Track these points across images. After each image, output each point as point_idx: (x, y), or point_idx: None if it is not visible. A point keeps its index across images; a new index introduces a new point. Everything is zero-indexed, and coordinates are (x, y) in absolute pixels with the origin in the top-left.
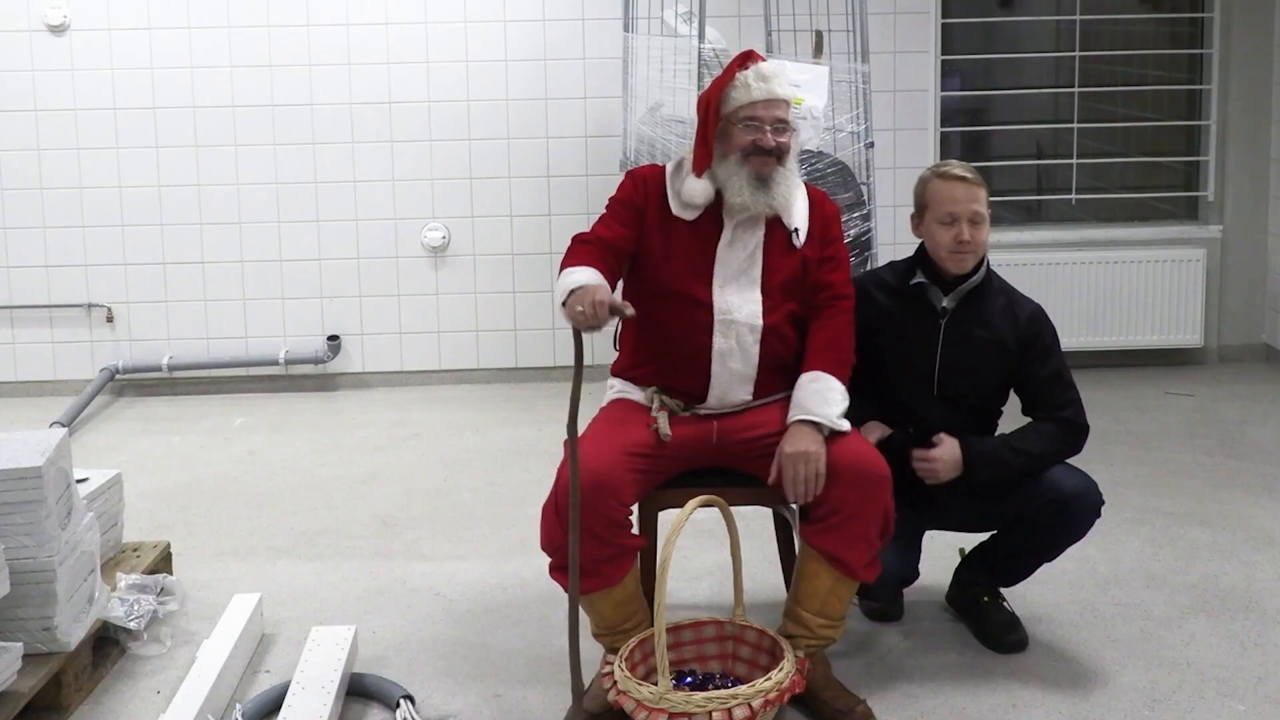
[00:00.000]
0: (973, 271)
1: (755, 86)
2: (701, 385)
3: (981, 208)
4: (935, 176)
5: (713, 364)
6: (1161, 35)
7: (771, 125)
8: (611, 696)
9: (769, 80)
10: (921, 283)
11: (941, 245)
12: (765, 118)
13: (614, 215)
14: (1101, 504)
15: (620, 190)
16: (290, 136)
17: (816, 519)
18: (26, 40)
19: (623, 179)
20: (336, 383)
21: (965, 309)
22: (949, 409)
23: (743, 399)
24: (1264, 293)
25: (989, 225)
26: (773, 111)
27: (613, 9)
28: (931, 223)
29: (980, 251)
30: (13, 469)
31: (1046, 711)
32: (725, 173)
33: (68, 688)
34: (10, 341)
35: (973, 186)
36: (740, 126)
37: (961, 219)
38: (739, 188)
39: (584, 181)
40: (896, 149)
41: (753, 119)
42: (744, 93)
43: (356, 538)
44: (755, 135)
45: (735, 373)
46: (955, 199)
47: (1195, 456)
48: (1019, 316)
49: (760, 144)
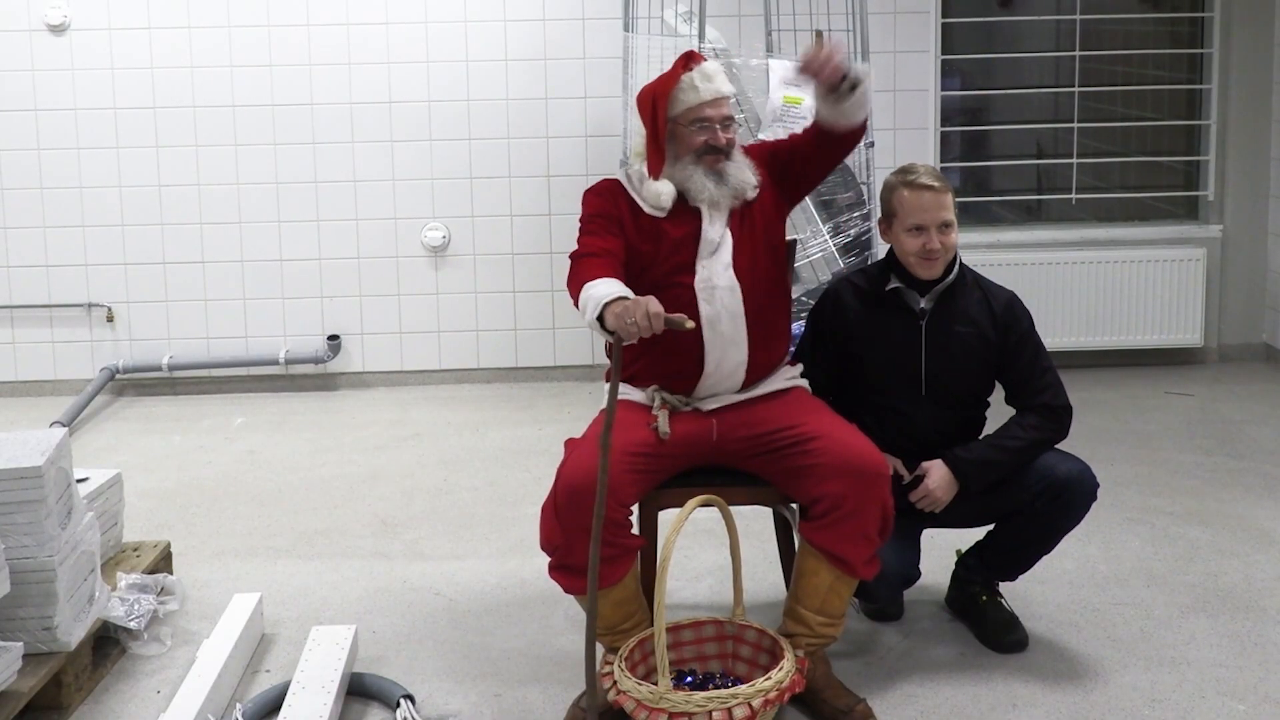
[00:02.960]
0: (946, 272)
1: (703, 87)
2: (696, 360)
3: (949, 214)
4: (902, 185)
5: (704, 332)
6: (1161, 35)
7: (720, 123)
8: (611, 696)
9: (713, 79)
10: (898, 287)
11: (910, 253)
12: (714, 116)
13: (600, 228)
14: (1096, 486)
15: (590, 206)
16: (290, 136)
17: (815, 516)
18: (26, 40)
19: (585, 198)
20: (336, 382)
21: (943, 308)
22: (939, 408)
23: (738, 368)
24: (1264, 292)
25: (957, 228)
26: (720, 110)
27: (613, 9)
28: (899, 231)
29: (949, 255)
30: (13, 469)
31: (1046, 711)
32: (682, 173)
33: (68, 687)
34: (10, 341)
35: (939, 194)
36: (691, 128)
37: (930, 227)
38: (700, 186)
39: (584, 181)
40: (896, 149)
41: (703, 119)
42: (692, 94)
43: (356, 538)
44: (707, 135)
45: (725, 337)
46: (923, 208)
47: (1195, 456)
48: (995, 307)
49: (713, 143)
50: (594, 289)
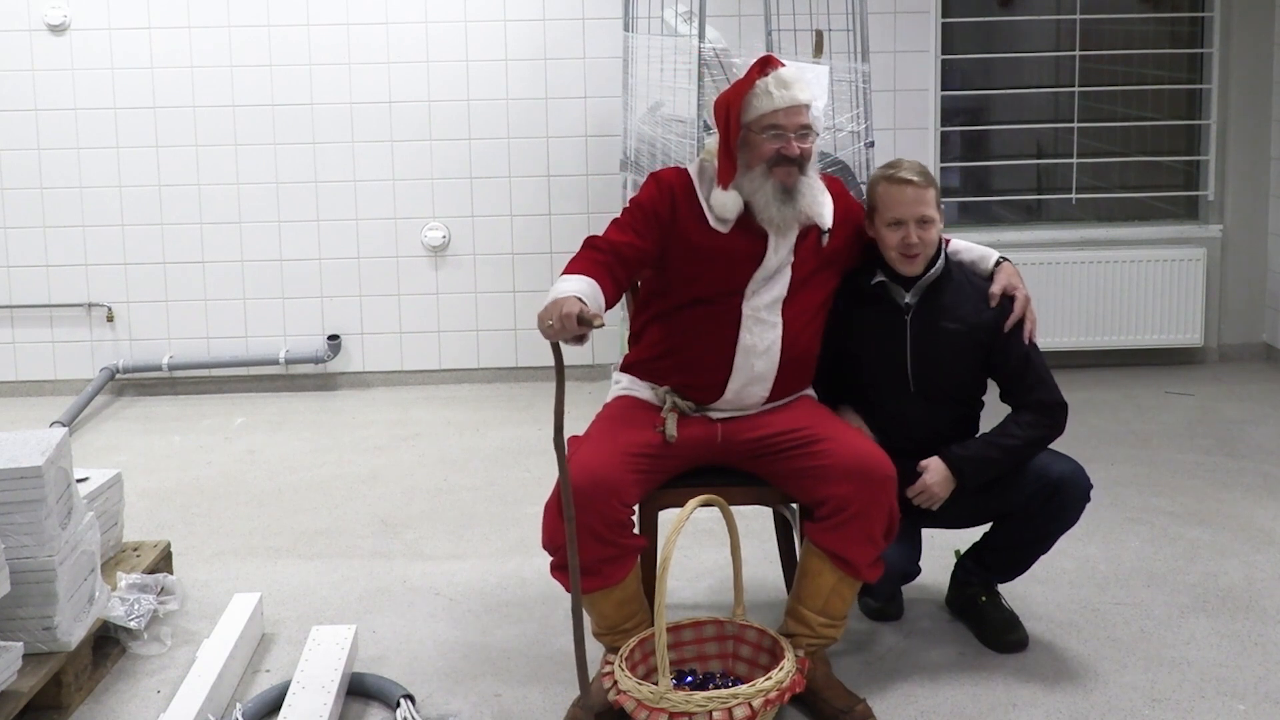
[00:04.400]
0: (930, 265)
1: (777, 94)
2: (720, 381)
3: (929, 209)
4: (883, 179)
5: (736, 358)
6: (1161, 35)
7: (795, 132)
8: (611, 696)
9: (790, 86)
10: (882, 281)
11: (890, 248)
12: (789, 125)
13: (631, 221)
14: (1090, 487)
15: (643, 192)
16: (290, 136)
17: (821, 517)
18: (26, 40)
19: (646, 181)
20: (336, 382)
21: (928, 302)
22: (930, 405)
23: (757, 398)
24: (1264, 292)
25: (940, 224)
26: (795, 118)
27: (613, 9)
28: (880, 225)
29: (930, 251)
30: (13, 469)
31: (1046, 711)
32: (751, 185)
33: (68, 687)
34: (10, 341)
35: (920, 189)
36: (764, 135)
37: (908, 222)
38: (765, 202)
39: (584, 181)
40: (896, 149)
41: (776, 127)
42: (766, 100)
43: (356, 537)
44: (780, 144)
45: (756, 370)
46: (902, 202)
47: (1195, 456)
48: (983, 302)
49: (785, 152)
50: (561, 284)
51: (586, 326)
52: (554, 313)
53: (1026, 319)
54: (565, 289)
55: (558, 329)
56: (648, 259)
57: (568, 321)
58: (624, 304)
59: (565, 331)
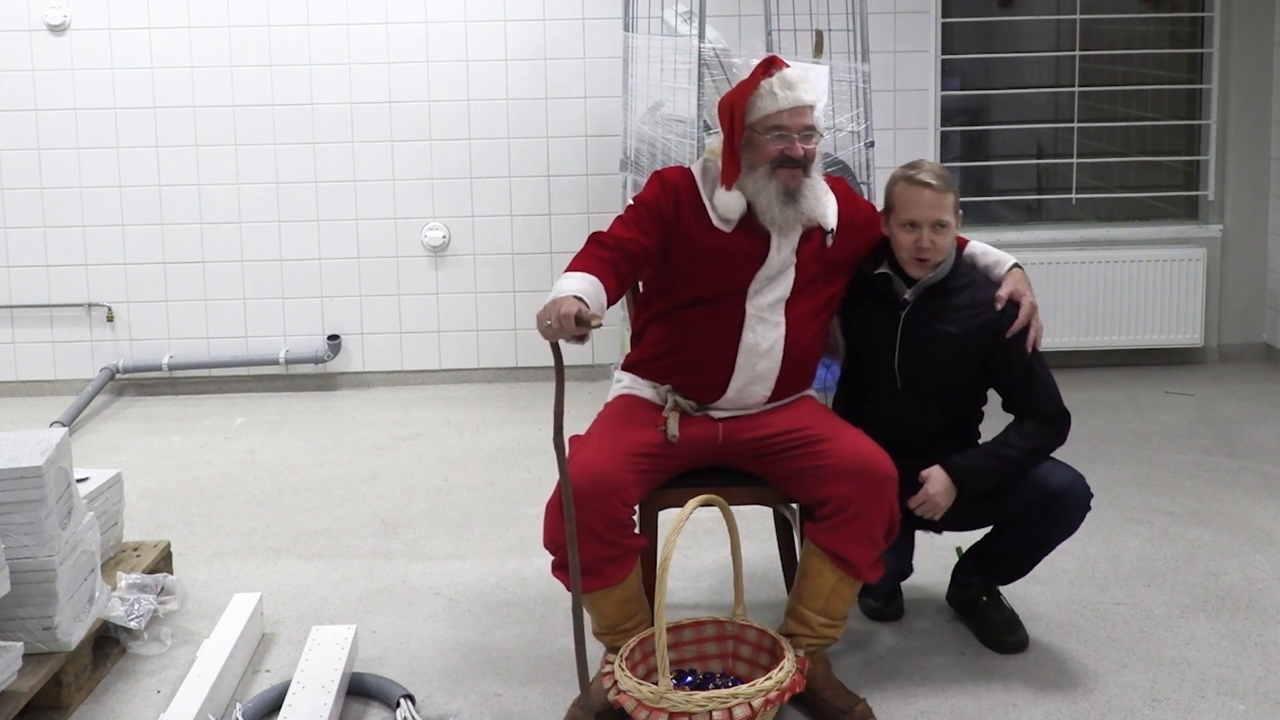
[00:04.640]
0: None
1: (782, 95)
2: (722, 381)
3: (946, 214)
4: (903, 179)
5: (739, 358)
6: (1161, 35)
7: (799, 133)
8: (611, 696)
9: (795, 87)
10: (885, 273)
11: (902, 248)
12: (793, 126)
13: (635, 218)
14: (1090, 497)
15: (646, 191)
16: (290, 136)
17: (822, 517)
18: (26, 40)
19: (650, 179)
20: (336, 382)
21: (927, 302)
22: (919, 403)
23: (759, 398)
24: (1264, 292)
25: (956, 229)
26: (799, 119)
27: (613, 9)
28: (895, 225)
29: (942, 255)
30: (13, 469)
31: (1046, 711)
32: (754, 186)
33: (68, 687)
34: (10, 341)
35: (939, 193)
36: (768, 136)
37: (923, 225)
38: (768, 203)
39: (584, 181)
40: (896, 149)
41: (780, 128)
42: (770, 101)
43: (356, 537)
44: (784, 145)
45: (759, 370)
46: (919, 204)
47: (1195, 456)
48: (986, 310)
49: (789, 153)
50: (562, 282)
51: (585, 327)
52: (552, 312)
53: (1031, 327)
54: (566, 288)
55: (556, 329)
56: (652, 256)
57: (566, 321)
58: (624, 304)
59: (564, 331)
